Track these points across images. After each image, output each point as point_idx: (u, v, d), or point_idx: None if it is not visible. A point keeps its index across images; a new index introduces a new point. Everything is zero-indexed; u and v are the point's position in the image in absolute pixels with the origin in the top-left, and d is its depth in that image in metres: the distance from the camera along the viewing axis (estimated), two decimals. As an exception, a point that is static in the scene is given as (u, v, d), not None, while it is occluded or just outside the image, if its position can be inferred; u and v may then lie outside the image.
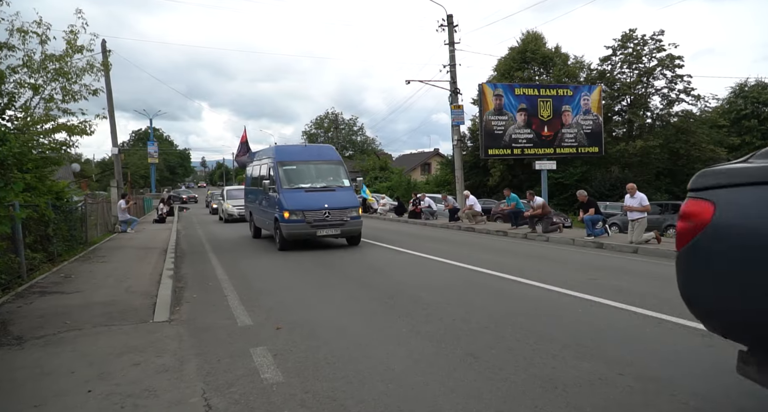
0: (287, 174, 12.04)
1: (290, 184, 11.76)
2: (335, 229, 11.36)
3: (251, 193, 14.98)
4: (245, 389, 3.53)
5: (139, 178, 60.30)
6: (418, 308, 5.79)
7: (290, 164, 12.34)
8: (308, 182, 12.01)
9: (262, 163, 13.63)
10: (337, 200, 11.52)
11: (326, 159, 12.98)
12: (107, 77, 18.55)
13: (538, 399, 3.28)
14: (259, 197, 13.60)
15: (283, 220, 11.18)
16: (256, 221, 14.23)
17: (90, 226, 13.89)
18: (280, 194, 11.53)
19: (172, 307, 6.01)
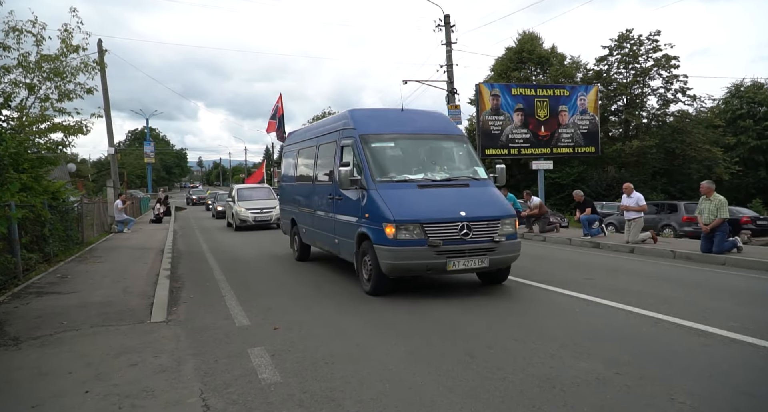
0: (382, 157, 7.00)
1: (388, 176, 6.68)
2: (480, 258, 6.21)
3: (296, 192, 9.98)
4: (243, 390, 3.52)
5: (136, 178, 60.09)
6: (411, 304, 5.80)
7: (384, 140, 7.20)
8: (419, 171, 6.94)
9: (323, 143, 8.48)
10: (479, 204, 6.47)
11: (442, 132, 7.63)
12: (103, 77, 18.50)
13: (535, 399, 3.29)
14: (314, 198, 8.71)
15: (382, 239, 6.15)
16: (306, 235, 9.34)
17: (86, 226, 13.84)
18: (372, 193, 6.48)
19: (169, 307, 5.99)
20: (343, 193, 7.22)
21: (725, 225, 9.16)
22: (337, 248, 7.81)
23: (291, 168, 10.52)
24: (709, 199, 9.40)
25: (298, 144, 10.17)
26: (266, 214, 17.79)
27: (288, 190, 10.64)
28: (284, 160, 11.38)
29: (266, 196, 19.17)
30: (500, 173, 7.25)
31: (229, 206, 19.70)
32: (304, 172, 9.56)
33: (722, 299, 6.06)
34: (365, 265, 6.63)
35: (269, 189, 20.47)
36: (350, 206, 7.05)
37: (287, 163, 10.93)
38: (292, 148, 10.60)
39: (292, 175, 10.39)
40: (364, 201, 6.59)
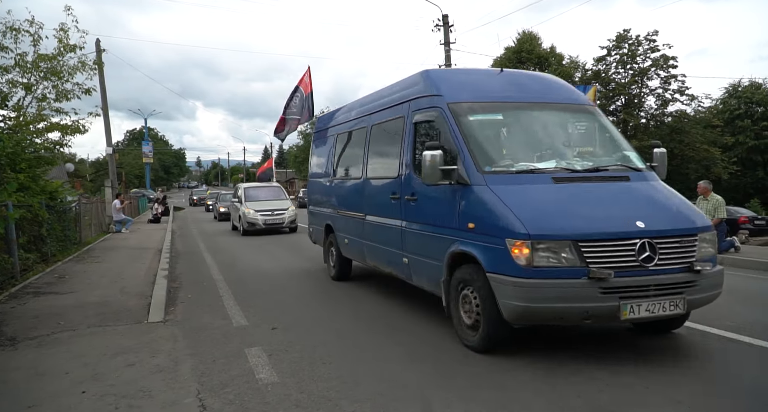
0: (487, 136, 4.88)
1: (501, 163, 4.53)
2: (672, 299, 3.85)
3: (334, 190, 7.68)
4: (240, 390, 3.52)
5: (134, 178, 60.00)
6: (410, 306, 5.80)
7: (487, 110, 4.99)
8: (546, 157, 4.76)
9: (380, 123, 6.21)
10: (658, 209, 4.34)
11: (568, 101, 5.31)
12: (101, 76, 18.48)
13: (531, 399, 3.29)
14: (365, 199, 6.44)
15: (505, 266, 3.89)
16: (349, 247, 7.04)
17: (84, 226, 13.82)
18: (480, 190, 4.28)
19: (166, 307, 5.99)
20: (421, 192, 4.91)
21: (723, 225, 9.18)
22: (405, 271, 5.43)
23: (325, 160, 8.12)
24: (706, 199, 9.42)
25: (334, 128, 7.80)
26: (278, 216, 15.65)
27: (321, 188, 8.26)
28: (315, 150, 8.97)
29: (277, 196, 16.98)
30: (661, 160, 4.96)
31: (234, 208, 17.40)
32: (347, 163, 7.26)
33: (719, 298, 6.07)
34: (465, 303, 4.28)
35: (280, 188, 18.23)
36: (435, 210, 4.72)
37: (319, 154, 8.56)
38: (325, 134, 8.28)
39: (326, 169, 8.02)
40: (464, 202, 4.26)
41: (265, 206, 15.82)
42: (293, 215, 15.98)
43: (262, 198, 16.35)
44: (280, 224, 15.76)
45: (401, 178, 5.38)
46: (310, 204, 8.93)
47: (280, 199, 16.72)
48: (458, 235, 4.35)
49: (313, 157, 9.00)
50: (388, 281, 7.06)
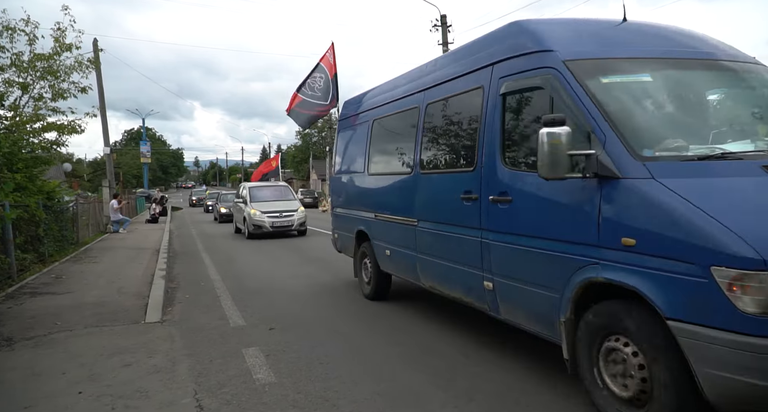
0: (634, 106, 3.25)
1: (670, 146, 2.95)
2: None
3: (370, 188, 6.25)
4: (237, 390, 3.52)
5: (132, 178, 59.92)
6: (403, 306, 5.80)
7: (628, 70, 3.39)
8: (730, 135, 3.25)
9: (443, 99, 4.73)
10: None
11: (735, 58, 3.69)
12: (99, 76, 18.43)
13: (521, 398, 3.29)
14: (419, 199, 4.98)
15: (722, 315, 2.29)
16: (392, 260, 5.64)
17: (81, 226, 13.80)
18: (644, 185, 2.69)
19: (164, 307, 5.98)
20: (519, 189, 3.51)
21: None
22: (487, 299, 3.92)
23: (357, 151, 6.58)
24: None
25: (369, 113, 6.32)
26: (287, 218, 14.57)
27: (350, 186, 6.76)
28: (340, 141, 7.35)
29: (285, 195, 15.84)
30: None
31: (238, 209, 16.08)
32: (389, 154, 5.77)
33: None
34: (613, 362, 2.85)
35: (287, 187, 16.97)
36: (548, 216, 3.27)
37: (348, 145, 7.03)
38: (355, 121, 6.73)
39: (358, 162, 6.48)
40: (610, 205, 2.83)
41: (272, 207, 14.57)
42: (303, 217, 15.00)
43: (268, 198, 15.16)
44: (289, 226, 14.62)
45: (481, 171, 3.85)
46: (336, 205, 7.27)
47: (288, 200, 15.53)
48: (597, 254, 2.86)
49: (339, 149, 7.33)
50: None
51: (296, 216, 14.76)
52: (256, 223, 14.33)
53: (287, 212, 14.70)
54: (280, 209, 14.63)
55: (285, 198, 15.63)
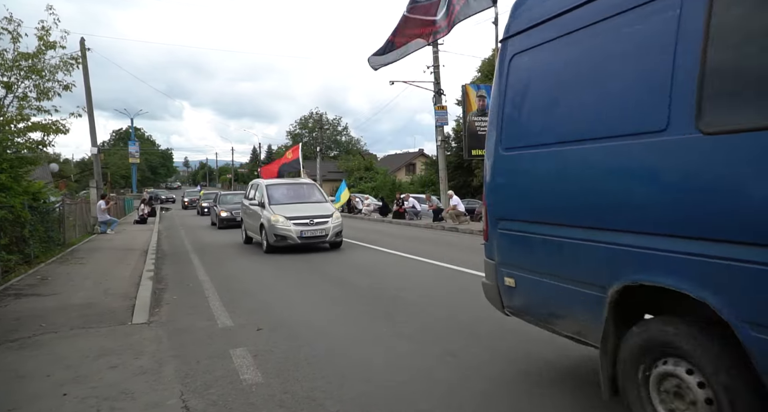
0: None
1: None
2: None
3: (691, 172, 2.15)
4: (224, 391, 3.52)
5: (120, 179, 59.42)
6: (399, 308, 5.83)
7: None
8: None
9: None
10: None
11: None
12: (86, 75, 18.28)
13: (513, 394, 3.33)
14: None
15: None
16: None
17: (68, 227, 13.66)
18: None
19: (151, 309, 5.95)
20: None
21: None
22: None
23: (632, 79, 2.47)
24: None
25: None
26: (319, 226, 11.03)
27: (602, 170, 2.64)
28: (530, 74, 3.23)
29: (312, 196, 12.31)
30: None
31: (250, 214, 12.44)
32: None
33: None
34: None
35: (314, 186, 13.21)
36: None
37: (578, 71, 2.81)
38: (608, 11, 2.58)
39: (641, 106, 2.39)
40: None
41: (299, 211, 11.12)
42: (339, 225, 11.38)
43: (292, 200, 11.84)
44: (321, 237, 11.03)
45: None
46: (516, 216, 3.32)
47: (317, 202, 12.02)
48: None
49: (524, 93, 3.30)
50: (374, 284, 7.07)
51: (331, 223, 11.16)
52: (281, 233, 10.77)
53: (319, 219, 11.08)
54: (309, 214, 11.09)
55: (313, 199, 12.11)
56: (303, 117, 75.03)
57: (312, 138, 69.28)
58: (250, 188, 13.54)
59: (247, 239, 13.21)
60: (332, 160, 62.87)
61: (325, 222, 11.14)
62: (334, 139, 73.69)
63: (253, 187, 13.37)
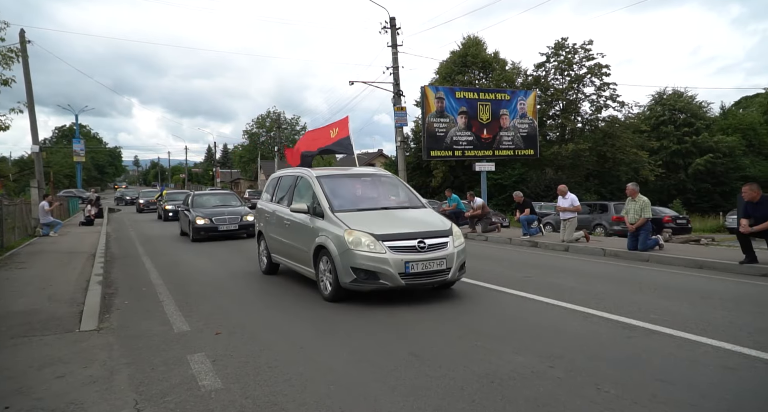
0: None
1: None
2: None
3: None
4: (181, 398, 3.41)
5: (64, 178, 56.45)
6: (358, 306, 5.83)
7: None
8: None
9: None
10: None
11: None
12: (26, 69, 17.28)
13: (475, 394, 3.39)
14: None
15: None
16: None
17: (6, 229, 12.86)
18: None
19: (100, 315, 5.69)
20: None
21: (648, 224, 9.84)
22: None
23: None
24: (634, 200, 10.08)
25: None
26: (435, 253, 5.96)
27: None
28: None
29: (400, 196, 7.35)
30: None
31: (290, 227, 7.18)
32: None
33: (645, 293, 6.51)
34: None
35: (398, 181, 7.77)
36: None
37: None
38: None
39: None
40: None
41: (393, 225, 6.20)
42: (463, 250, 6.38)
43: (370, 204, 6.83)
44: (440, 274, 6.01)
45: None
46: None
47: (414, 207, 6.96)
48: None
49: None
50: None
51: (452, 247, 6.14)
52: (367, 265, 5.79)
53: (434, 238, 6.07)
54: (415, 231, 6.08)
55: (405, 203, 7.07)
56: (260, 116, 73.63)
57: (270, 137, 68.17)
58: (277, 185, 8.25)
59: (270, 268, 8.05)
60: (290, 160, 61.95)
61: (442, 245, 5.98)
62: (292, 139, 72.71)
63: (284, 182, 7.97)
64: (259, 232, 8.54)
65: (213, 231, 13.86)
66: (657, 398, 3.28)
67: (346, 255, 5.79)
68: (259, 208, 8.75)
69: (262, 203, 8.61)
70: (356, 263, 5.75)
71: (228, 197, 16.97)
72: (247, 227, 14.02)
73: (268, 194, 8.49)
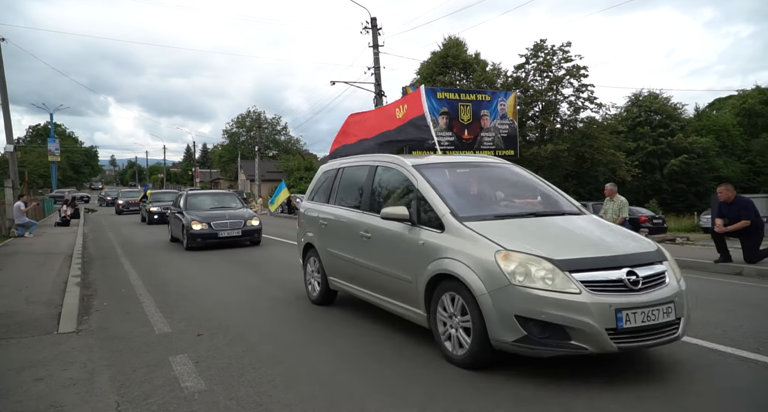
0: None
1: None
2: None
3: None
4: (164, 400, 3.38)
5: (38, 178, 55.12)
6: (345, 307, 5.84)
7: None
8: None
9: None
10: None
11: None
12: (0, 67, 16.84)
13: (456, 391, 3.44)
14: None
15: None
16: None
17: (-21, 230, 12.51)
18: None
19: (79, 316, 5.59)
20: None
21: (626, 224, 10.05)
22: None
23: None
24: (612, 200, 10.29)
25: None
26: (655, 292, 3.50)
27: None
28: None
29: (551, 198, 4.75)
30: None
31: (386, 243, 4.59)
32: None
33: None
34: None
35: (535, 178, 5.09)
36: None
37: None
38: None
39: None
40: None
41: (582, 248, 3.72)
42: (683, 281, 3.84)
43: (511, 209, 4.55)
44: (669, 330, 3.55)
45: None
46: None
47: (574, 212, 4.49)
48: None
49: None
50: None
51: (672, 284, 3.68)
52: (559, 317, 3.30)
53: (650, 270, 3.62)
54: (618, 255, 3.64)
55: (558, 207, 4.59)
56: (240, 115, 72.90)
57: (250, 137, 67.55)
58: (337, 179, 5.98)
59: (325, 296, 5.98)
60: (271, 160, 61.63)
61: (661, 277, 3.69)
62: (272, 139, 72.19)
63: (350, 175, 5.77)
64: (308, 245, 6.20)
65: (212, 238, 11.84)
66: (641, 398, 3.37)
67: (505, 295, 3.47)
68: (306, 211, 6.38)
69: (312, 205, 6.27)
70: (526, 308, 3.40)
71: (227, 198, 14.52)
72: (251, 233, 12.35)
73: (322, 193, 6.15)
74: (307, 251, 6.31)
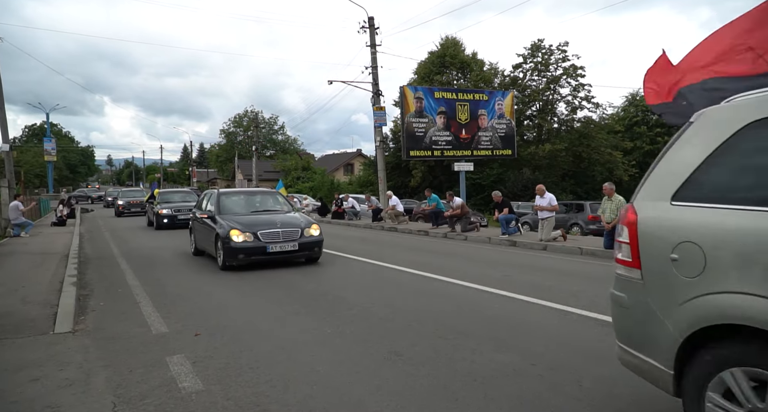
0: None
1: None
2: None
3: None
4: (161, 400, 3.36)
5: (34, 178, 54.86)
6: (342, 308, 5.82)
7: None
8: None
9: None
10: None
11: None
12: (-5, 65, 16.73)
13: (458, 392, 3.43)
14: None
15: None
16: None
17: (-25, 230, 12.43)
18: None
19: (76, 316, 5.56)
20: None
21: (624, 223, 10.07)
22: None
23: None
24: (610, 199, 10.29)
25: None
26: None
27: None
28: None
29: None
30: None
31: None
32: None
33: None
34: None
35: None
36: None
37: None
38: None
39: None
40: None
41: None
42: None
43: None
44: None
45: None
46: None
47: None
48: None
49: None
50: (316, 278, 7.00)
51: None
52: None
53: None
54: None
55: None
56: (237, 115, 72.83)
57: (247, 137, 67.42)
58: None
59: None
60: (268, 159, 61.52)
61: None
62: (270, 139, 72.10)
63: None
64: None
65: (259, 253, 8.66)
66: (640, 393, 3.36)
67: None
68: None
69: None
70: None
71: (267, 198, 10.87)
72: (310, 246, 9.10)
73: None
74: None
